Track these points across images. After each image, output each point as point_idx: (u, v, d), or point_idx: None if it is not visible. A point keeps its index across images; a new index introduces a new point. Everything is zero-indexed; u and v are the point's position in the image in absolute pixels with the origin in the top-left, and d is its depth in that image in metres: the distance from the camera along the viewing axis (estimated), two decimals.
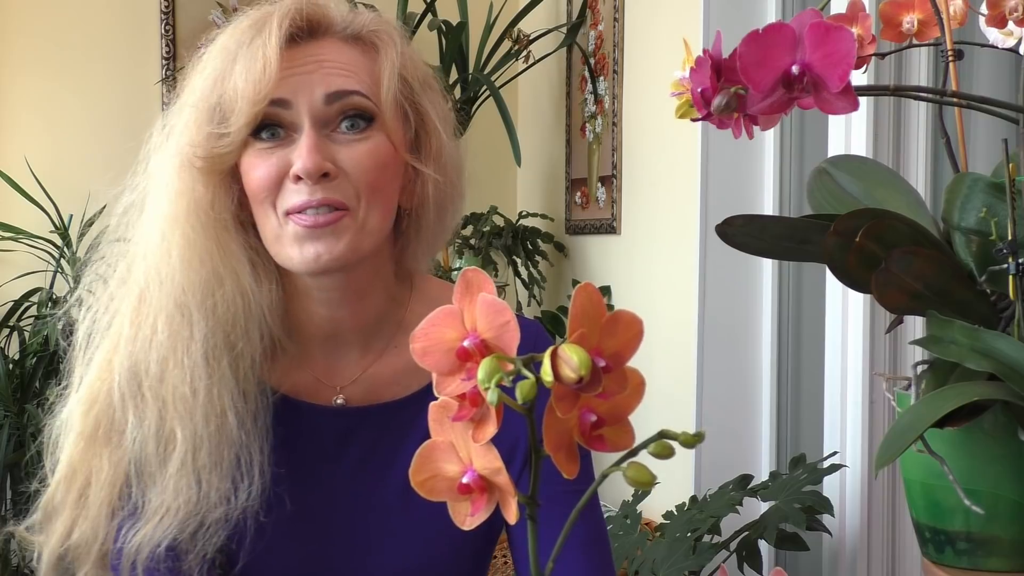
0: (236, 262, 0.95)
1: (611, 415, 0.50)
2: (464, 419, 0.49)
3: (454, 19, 2.66)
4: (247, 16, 0.98)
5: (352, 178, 0.94)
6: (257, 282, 0.96)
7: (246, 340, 0.94)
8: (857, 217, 0.71)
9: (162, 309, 0.94)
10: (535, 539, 0.52)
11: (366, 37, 0.99)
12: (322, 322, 1.00)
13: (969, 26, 0.84)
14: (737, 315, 2.14)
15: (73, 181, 2.83)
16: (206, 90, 0.95)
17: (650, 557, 1.67)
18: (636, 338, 0.49)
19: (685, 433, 0.50)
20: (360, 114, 0.95)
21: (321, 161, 0.92)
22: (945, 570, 0.75)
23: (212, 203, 0.95)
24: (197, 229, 0.95)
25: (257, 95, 0.91)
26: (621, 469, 0.50)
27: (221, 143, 0.94)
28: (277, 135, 0.94)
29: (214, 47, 0.98)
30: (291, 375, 1.00)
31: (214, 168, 0.95)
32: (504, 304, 0.48)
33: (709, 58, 0.64)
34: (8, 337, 2.71)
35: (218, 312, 0.94)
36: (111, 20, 2.93)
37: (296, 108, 0.93)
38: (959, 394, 0.67)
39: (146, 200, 1.00)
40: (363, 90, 0.95)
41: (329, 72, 0.95)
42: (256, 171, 0.94)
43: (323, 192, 0.92)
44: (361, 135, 0.95)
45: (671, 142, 2.26)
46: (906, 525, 1.70)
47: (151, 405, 0.94)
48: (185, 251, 0.94)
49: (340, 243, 0.93)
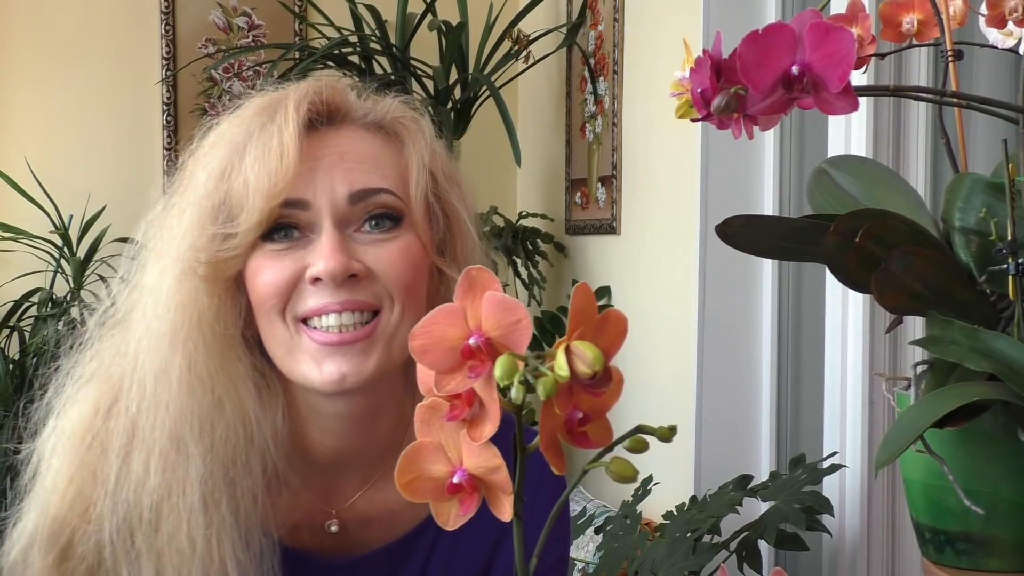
0: (241, 386, 0.83)
1: (594, 412, 0.51)
2: (457, 419, 0.49)
3: (454, 19, 2.66)
4: (253, 101, 0.87)
5: (383, 279, 0.83)
6: (262, 409, 0.84)
7: (248, 476, 0.83)
8: (857, 217, 0.71)
9: (155, 444, 0.82)
10: (520, 536, 0.52)
11: (390, 126, 0.88)
12: (326, 450, 0.89)
13: (969, 26, 0.84)
14: (737, 315, 2.13)
15: (73, 181, 2.84)
16: (210, 185, 0.83)
17: (650, 557, 1.67)
18: (621, 336, 0.50)
19: (661, 428, 0.50)
20: (387, 213, 0.84)
21: (347, 261, 0.81)
22: (945, 570, 0.75)
23: (217, 316, 0.83)
24: (200, 348, 0.82)
25: (273, 189, 0.80)
26: (604, 464, 0.50)
27: (226, 245, 0.82)
28: (291, 236, 0.83)
29: (216, 135, 0.87)
30: (291, 509, 0.89)
31: (219, 275, 0.83)
32: (517, 302, 0.48)
33: (709, 58, 0.63)
34: (8, 337, 2.71)
35: (217, 447, 0.82)
36: (111, 20, 2.94)
37: (315, 208, 0.82)
38: (959, 394, 0.67)
39: (138, 313, 0.86)
40: (390, 187, 0.85)
41: (352, 167, 0.84)
42: (264, 274, 0.83)
43: (348, 294, 0.81)
44: (388, 234, 0.84)
45: (671, 142, 2.26)
46: (906, 525, 1.70)
47: (146, 559, 0.81)
48: (186, 373, 0.82)
49: (369, 361, 0.82)
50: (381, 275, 0.83)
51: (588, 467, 0.52)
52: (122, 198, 2.86)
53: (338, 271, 0.80)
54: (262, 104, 0.86)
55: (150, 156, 2.94)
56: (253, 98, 0.88)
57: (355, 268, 0.81)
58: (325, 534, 0.92)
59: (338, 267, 0.80)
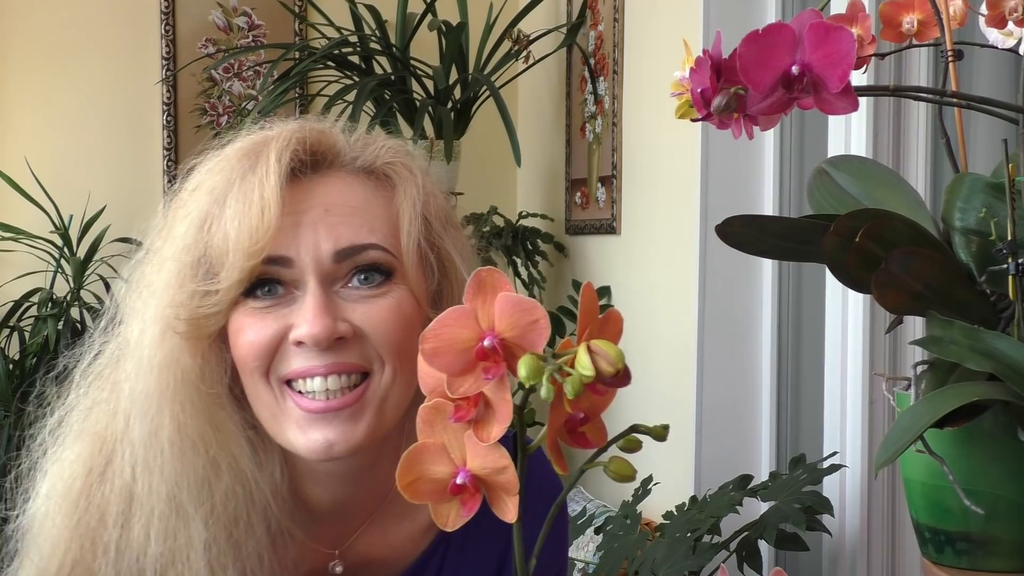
0: (234, 445, 0.79)
1: (591, 412, 0.51)
2: (463, 420, 0.49)
3: (454, 19, 2.66)
4: (235, 145, 0.82)
5: (373, 339, 0.78)
6: (259, 466, 0.80)
7: (251, 536, 0.79)
8: (857, 217, 0.71)
9: (154, 510, 0.78)
10: (520, 535, 0.53)
11: (380, 171, 0.83)
12: (324, 502, 0.86)
13: (969, 26, 0.84)
14: (737, 315, 2.13)
15: (73, 181, 2.84)
16: (189, 238, 0.79)
17: (650, 557, 1.67)
18: (619, 335, 0.51)
19: (655, 427, 0.51)
20: (377, 268, 0.79)
21: (332, 324, 0.76)
22: (945, 570, 0.75)
23: (202, 376, 0.79)
24: (188, 409, 0.78)
25: (254, 247, 0.75)
26: (603, 464, 0.51)
27: (207, 302, 0.78)
28: (275, 292, 0.79)
29: (197, 181, 0.82)
30: (297, 561, 0.86)
31: (200, 333, 0.78)
32: (534, 302, 0.48)
33: (709, 58, 0.63)
34: (8, 337, 2.71)
35: (218, 510, 0.78)
36: (111, 20, 2.94)
37: (299, 266, 0.78)
38: (959, 394, 0.67)
39: (122, 373, 0.82)
40: (379, 241, 0.79)
41: (338, 221, 0.79)
42: (245, 334, 0.78)
43: (334, 357, 0.77)
44: (377, 290, 0.79)
45: (671, 142, 2.26)
46: (906, 525, 1.70)
47: None
48: (176, 436, 0.78)
49: (359, 427, 0.78)
50: (370, 335, 0.78)
51: (585, 467, 0.52)
52: (122, 198, 2.86)
53: (322, 336, 0.75)
54: (244, 149, 0.81)
55: (150, 156, 2.94)
56: (236, 141, 0.83)
57: (341, 330, 0.77)
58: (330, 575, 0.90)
59: (322, 332, 0.75)
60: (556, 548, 0.98)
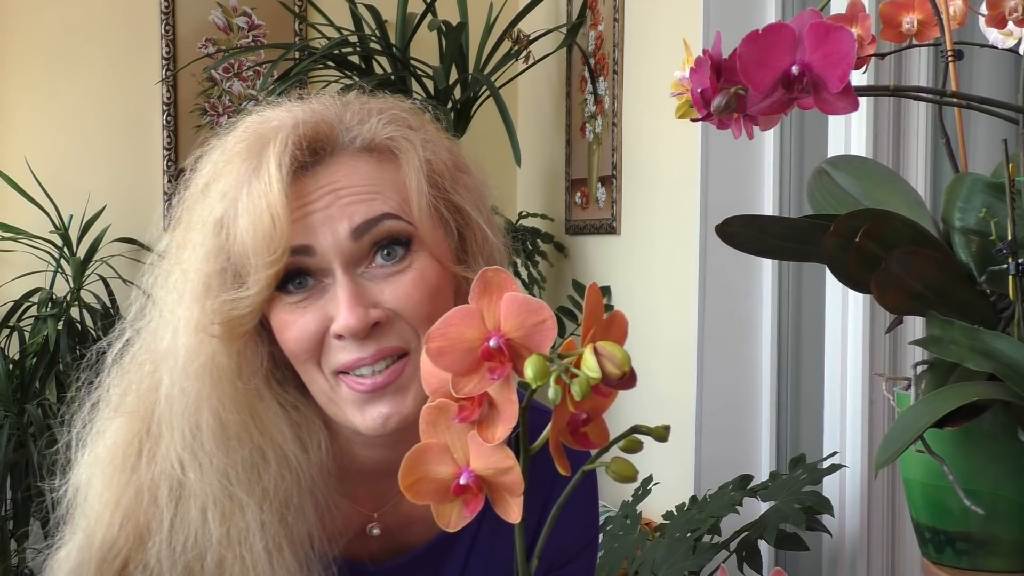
0: (276, 432, 0.83)
1: (593, 413, 0.51)
2: (468, 420, 0.49)
3: (454, 19, 2.66)
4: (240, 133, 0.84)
5: (405, 316, 0.81)
6: (303, 449, 0.84)
7: (301, 517, 0.82)
8: (857, 217, 0.71)
9: (208, 495, 0.81)
10: (521, 538, 0.53)
11: (380, 146, 0.85)
12: (372, 461, 0.89)
13: (969, 26, 0.84)
14: (737, 315, 2.13)
15: (73, 181, 2.84)
16: (209, 245, 0.82)
17: (650, 557, 1.67)
18: (624, 336, 0.51)
19: (656, 427, 0.51)
20: (395, 239, 0.82)
21: (365, 314, 0.79)
22: (945, 570, 0.75)
23: (239, 372, 0.82)
24: (228, 406, 0.82)
25: (272, 253, 0.78)
26: (604, 464, 0.51)
27: (239, 304, 0.81)
28: (306, 284, 0.81)
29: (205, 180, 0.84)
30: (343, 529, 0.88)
31: (235, 332, 0.82)
32: (541, 303, 0.48)
33: (709, 58, 0.63)
34: (8, 337, 2.71)
35: (269, 495, 0.81)
36: (111, 20, 2.94)
37: (321, 252, 0.80)
38: (959, 394, 0.67)
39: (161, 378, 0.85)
40: (392, 210, 0.82)
41: (349, 200, 0.81)
42: (290, 331, 0.82)
43: (376, 344, 0.80)
44: (400, 264, 0.82)
45: (671, 142, 2.26)
46: (906, 525, 1.70)
47: None
48: (219, 433, 0.81)
49: (407, 399, 0.82)
50: (403, 313, 0.81)
51: (587, 467, 0.52)
52: (122, 198, 2.87)
53: (358, 328, 0.79)
54: (247, 147, 0.82)
55: (150, 156, 2.94)
56: (237, 129, 0.85)
57: (375, 317, 0.80)
58: (368, 538, 0.92)
59: (358, 323, 0.79)
60: (588, 517, 0.99)
